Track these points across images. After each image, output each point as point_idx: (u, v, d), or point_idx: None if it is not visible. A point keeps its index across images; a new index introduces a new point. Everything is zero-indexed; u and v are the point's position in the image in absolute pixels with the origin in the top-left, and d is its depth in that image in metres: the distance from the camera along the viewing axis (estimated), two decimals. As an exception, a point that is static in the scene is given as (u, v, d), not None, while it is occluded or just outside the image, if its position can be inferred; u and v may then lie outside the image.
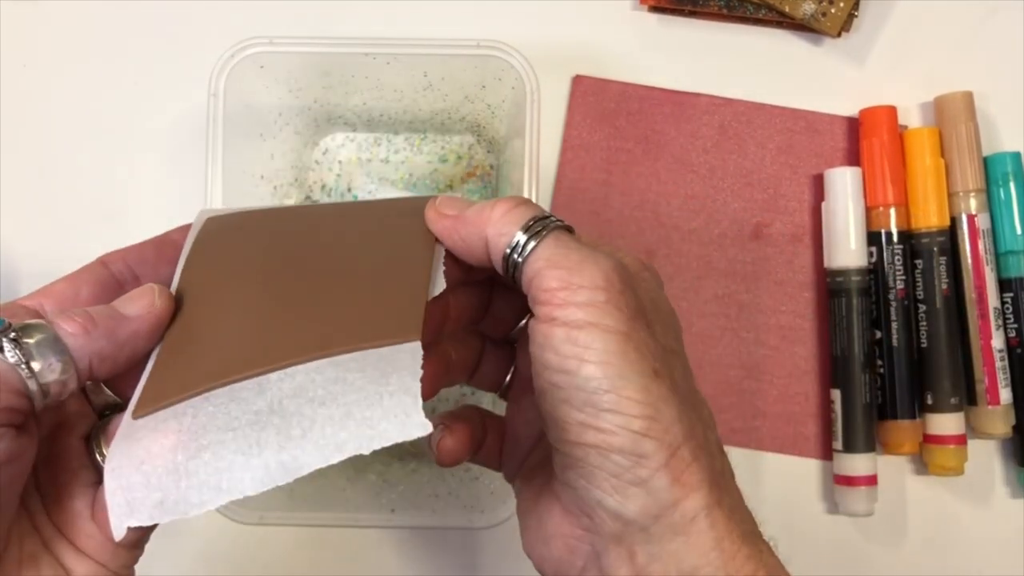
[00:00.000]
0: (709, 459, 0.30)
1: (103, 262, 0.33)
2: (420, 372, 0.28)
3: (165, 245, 0.34)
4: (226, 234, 0.34)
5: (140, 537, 0.30)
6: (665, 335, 0.32)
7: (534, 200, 0.43)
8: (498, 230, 0.31)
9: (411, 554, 0.51)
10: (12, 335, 0.27)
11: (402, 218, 0.34)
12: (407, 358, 0.28)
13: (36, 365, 0.28)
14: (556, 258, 0.30)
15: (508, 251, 0.31)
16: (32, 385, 0.28)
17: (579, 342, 0.29)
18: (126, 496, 0.27)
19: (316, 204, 0.30)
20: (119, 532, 0.27)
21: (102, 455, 0.31)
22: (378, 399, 0.27)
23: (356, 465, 0.50)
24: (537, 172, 0.44)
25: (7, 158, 0.54)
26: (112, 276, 0.33)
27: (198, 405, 0.28)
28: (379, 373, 0.27)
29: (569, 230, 0.32)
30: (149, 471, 0.27)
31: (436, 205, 0.33)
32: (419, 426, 0.26)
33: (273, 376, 0.28)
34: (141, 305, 0.31)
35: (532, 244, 0.31)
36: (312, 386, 0.28)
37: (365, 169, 0.53)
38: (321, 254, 0.33)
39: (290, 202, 0.51)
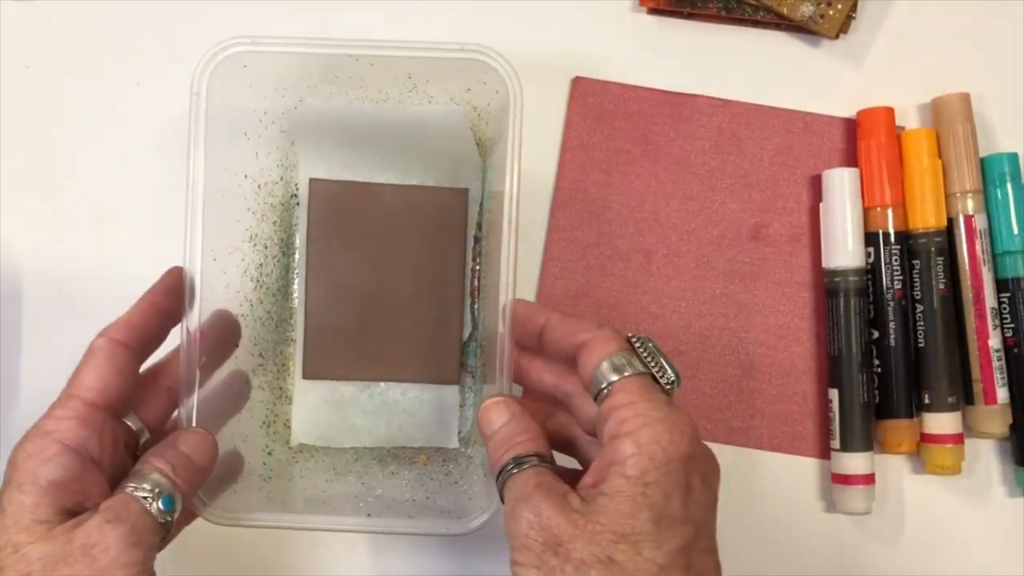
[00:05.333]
0: None
1: (126, 347, 0.41)
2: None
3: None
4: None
5: None
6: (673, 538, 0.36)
7: (514, 199, 0.43)
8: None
9: (386, 559, 0.52)
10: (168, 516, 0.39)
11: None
12: (453, 394, 0.52)
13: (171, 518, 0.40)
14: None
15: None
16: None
17: None
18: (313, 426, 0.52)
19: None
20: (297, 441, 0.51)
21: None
22: (442, 424, 0.52)
23: (337, 468, 0.50)
24: (518, 175, 0.43)
25: (8, 158, 0.54)
26: (135, 359, 0.41)
27: (342, 388, 0.52)
28: (438, 404, 0.52)
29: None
30: (318, 420, 0.51)
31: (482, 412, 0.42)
32: (455, 440, 0.51)
33: (380, 386, 0.52)
34: (209, 457, 0.42)
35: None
36: (404, 399, 0.52)
37: None
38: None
39: (274, 201, 0.51)
